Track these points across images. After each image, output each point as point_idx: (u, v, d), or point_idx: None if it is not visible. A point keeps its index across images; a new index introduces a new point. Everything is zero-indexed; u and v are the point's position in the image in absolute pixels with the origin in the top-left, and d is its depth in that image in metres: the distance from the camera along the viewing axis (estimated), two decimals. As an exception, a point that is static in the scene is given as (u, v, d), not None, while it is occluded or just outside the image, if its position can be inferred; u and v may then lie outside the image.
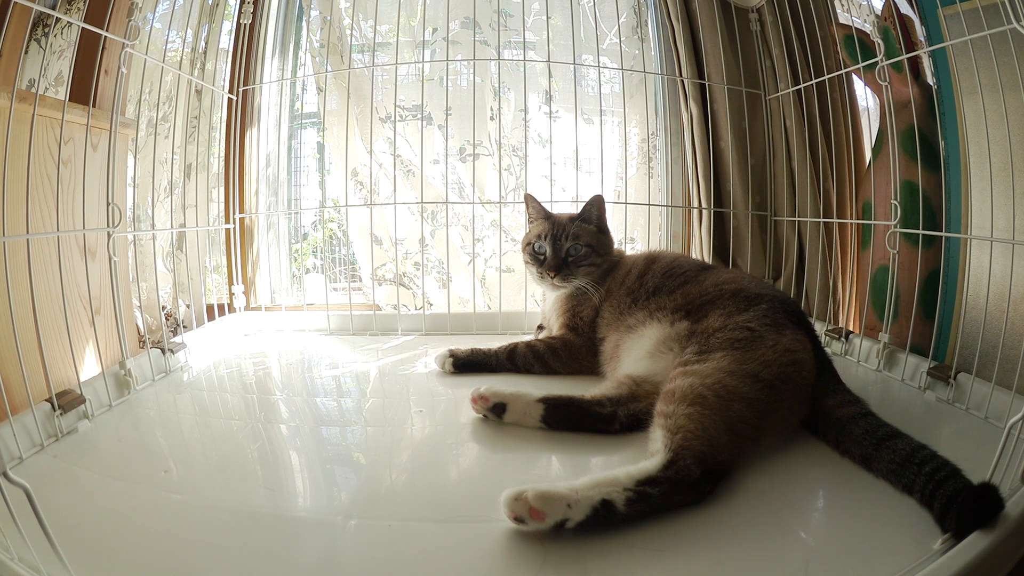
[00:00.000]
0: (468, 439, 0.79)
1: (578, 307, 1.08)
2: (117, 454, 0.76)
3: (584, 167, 1.58)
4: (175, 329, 1.43)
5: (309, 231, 1.84)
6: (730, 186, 1.50)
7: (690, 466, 0.59)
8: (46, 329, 0.78)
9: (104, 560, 0.52)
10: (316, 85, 1.68)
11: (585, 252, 1.10)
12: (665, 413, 0.66)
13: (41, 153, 0.99)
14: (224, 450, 0.77)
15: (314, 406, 0.95)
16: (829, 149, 1.37)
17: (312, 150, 1.76)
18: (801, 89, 1.40)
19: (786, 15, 1.39)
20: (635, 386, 0.81)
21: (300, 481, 0.71)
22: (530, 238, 1.15)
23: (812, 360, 0.78)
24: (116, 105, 0.96)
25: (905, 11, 1.18)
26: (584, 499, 0.54)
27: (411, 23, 1.61)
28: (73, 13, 1.22)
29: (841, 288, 1.42)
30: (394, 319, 1.44)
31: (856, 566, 0.51)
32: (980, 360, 0.86)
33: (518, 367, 1.06)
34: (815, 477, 0.67)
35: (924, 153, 1.16)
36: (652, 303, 0.95)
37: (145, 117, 1.49)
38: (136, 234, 1.21)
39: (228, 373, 1.12)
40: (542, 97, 1.61)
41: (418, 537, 0.57)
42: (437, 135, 1.63)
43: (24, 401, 0.73)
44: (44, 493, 0.49)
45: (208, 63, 1.48)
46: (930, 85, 1.18)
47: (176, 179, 1.51)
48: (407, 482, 0.69)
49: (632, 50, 1.61)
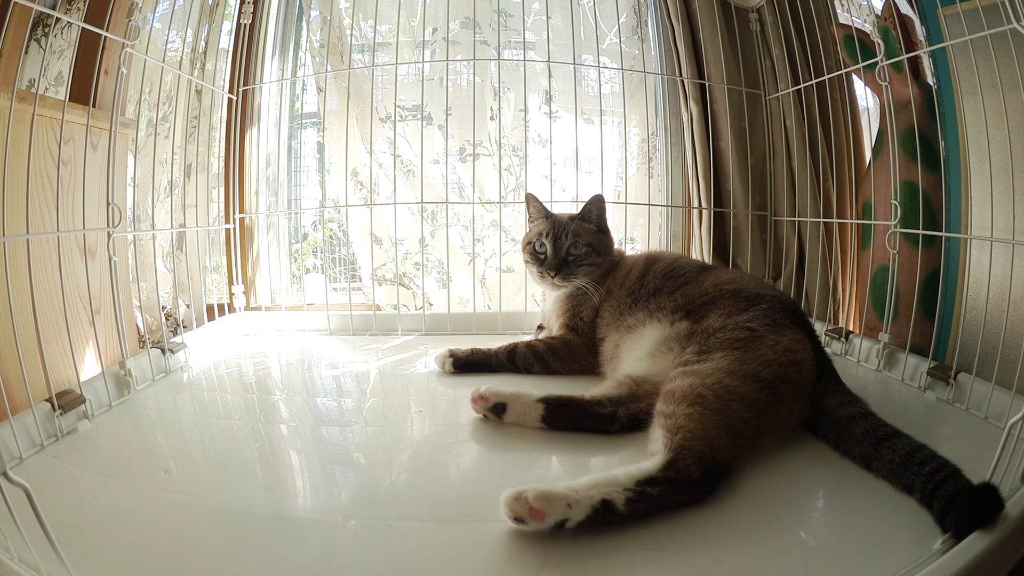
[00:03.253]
0: (468, 439, 0.79)
1: (578, 307, 1.08)
2: (117, 454, 0.76)
3: (584, 167, 1.58)
4: (175, 329, 1.43)
5: (309, 231, 1.84)
6: (730, 186, 1.50)
7: (690, 466, 0.59)
8: (46, 329, 0.78)
9: (104, 560, 0.52)
10: (316, 85, 1.68)
11: (586, 251, 1.10)
12: (665, 413, 0.66)
13: (41, 153, 0.99)
14: (224, 450, 0.77)
15: (314, 406, 0.95)
16: (829, 149, 1.37)
17: (312, 150, 1.76)
18: (801, 89, 1.40)
19: (786, 15, 1.39)
20: (635, 386, 0.81)
21: (300, 481, 0.71)
22: (530, 237, 1.15)
23: (812, 360, 0.78)
24: (116, 105, 0.96)
25: (905, 11, 1.18)
26: (584, 499, 0.54)
27: (411, 23, 1.61)
28: (73, 13, 1.22)
29: (841, 288, 1.42)
30: (394, 319, 1.44)
31: (856, 566, 0.51)
32: (980, 360, 0.86)
33: (518, 367, 1.05)
34: (815, 477, 0.67)
35: (924, 153, 1.16)
36: (652, 303, 0.95)
37: (145, 117, 1.49)
38: (136, 234, 1.21)
39: (228, 373, 1.12)
40: (542, 97, 1.61)
41: (418, 537, 0.57)
42: (437, 135, 1.63)
43: (24, 401, 0.73)
44: (44, 493, 0.49)
45: (208, 63, 1.48)
46: (930, 85, 1.18)
47: (176, 179, 1.51)
48: (407, 482, 0.69)
49: (632, 50, 1.61)
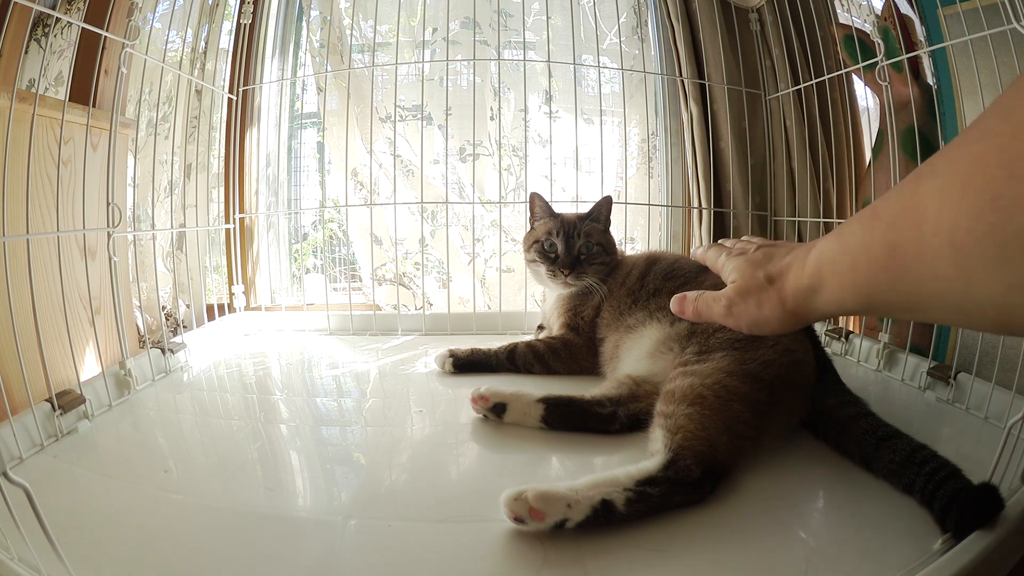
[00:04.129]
0: (468, 439, 0.79)
1: (579, 306, 1.08)
2: (117, 454, 0.76)
3: (584, 167, 1.58)
4: (175, 329, 1.44)
5: (309, 231, 1.84)
6: (730, 186, 1.50)
7: (690, 466, 0.59)
8: (46, 329, 0.78)
9: (104, 560, 0.52)
10: (316, 85, 1.68)
11: (597, 250, 1.11)
12: (665, 413, 0.66)
13: (41, 153, 0.99)
14: (224, 450, 0.77)
15: (314, 406, 0.95)
16: (829, 149, 1.37)
17: (312, 150, 1.76)
18: (801, 89, 1.40)
19: (786, 15, 1.39)
20: (635, 386, 0.81)
21: (300, 481, 0.71)
22: (537, 236, 1.15)
23: (812, 360, 0.78)
24: (116, 105, 0.96)
25: (905, 11, 1.18)
26: (584, 499, 0.54)
27: (411, 23, 1.61)
28: (73, 13, 1.22)
29: (841, 288, 1.42)
30: (394, 319, 1.44)
31: (856, 566, 0.51)
32: (980, 360, 0.86)
33: (518, 367, 1.05)
34: (815, 477, 0.67)
35: (924, 153, 1.16)
36: (652, 303, 0.95)
37: (145, 117, 1.49)
38: (136, 234, 1.21)
39: (228, 373, 1.12)
40: (542, 97, 1.61)
41: (418, 537, 0.57)
42: (437, 135, 1.63)
43: (24, 401, 0.73)
44: (44, 493, 0.48)
45: (208, 63, 1.48)
46: (930, 85, 1.18)
47: (176, 179, 1.51)
48: (407, 482, 0.69)
49: (632, 50, 1.61)
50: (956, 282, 0.34)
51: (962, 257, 0.33)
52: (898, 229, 0.38)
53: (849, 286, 0.44)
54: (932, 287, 0.36)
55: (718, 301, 0.59)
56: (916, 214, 0.36)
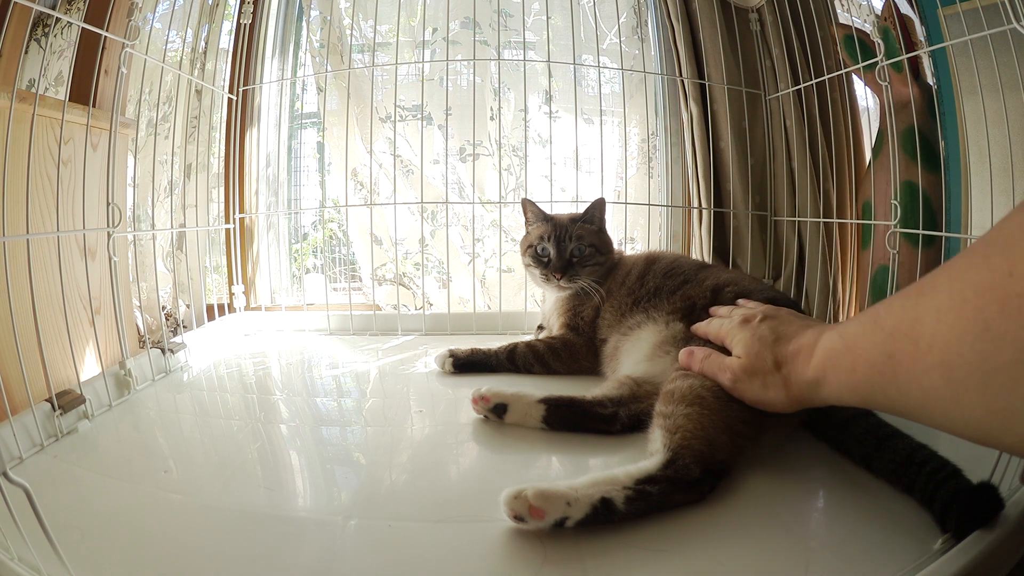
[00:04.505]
0: (468, 439, 0.79)
1: (579, 307, 1.08)
2: (117, 454, 0.76)
3: (584, 167, 1.58)
4: (175, 329, 1.44)
5: (309, 231, 1.84)
6: (730, 186, 1.50)
7: (689, 465, 0.59)
8: (46, 329, 0.78)
9: (104, 560, 0.52)
10: (316, 85, 1.68)
11: (590, 252, 1.10)
12: (664, 413, 0.66)
13: (41, 153, 0.99)
14: (224, 450, 0.77)
15: (314, 406, 0.95)
16: (829, 149, 1.37)
17: (312, 150, 1.76)
18: (801, 89, 1.40)
19: (786, 15, 1.39)
20: (636, 387, 0.81)
21: (300, 481, 0.71)
22: (531, 240, 1.15)
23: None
24: (116, 105, 0.96)
25: (905, 11, 1.18)
26: (584, 497, 0.54)
27: (411, 23, 1.61)
28: (73, 13, 1.22)
29: (841, 288, 1.42)
30: (394, 319, 1.44)
31: (856, 566, 0.51)
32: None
33: (518, 367, 1.05)
34: (815, 477, 0.67)
35: (924, 153, 1.16)
36: (652, 304, 0.95)
37: (145, 117, 1.50)
38: (136, 234, 1.21)
39: (228, 373, 1.12)
40: (542, 97, 1.61)
41: (418, 537, 0.57)
42: (437, 135, 1.63)
43: (24, 401, 0.73)
44: (44, 493, 0.49)
45: (208, 63, 1.48)
46: (930, 85, 1.18)
47: (176, 179, 1.51)
48: (407, 482, 0.69)
49: (632, 50, 1.61)
50: (944, 398, 0.37)
51: (952, 376, 0.35)
52: (896, 340, 0.41)
53: (847, 385, 0.49)
54: (922, 397, 0.39)
55: (723, 372, 0.64)
56: (914, 329, 0.38)
